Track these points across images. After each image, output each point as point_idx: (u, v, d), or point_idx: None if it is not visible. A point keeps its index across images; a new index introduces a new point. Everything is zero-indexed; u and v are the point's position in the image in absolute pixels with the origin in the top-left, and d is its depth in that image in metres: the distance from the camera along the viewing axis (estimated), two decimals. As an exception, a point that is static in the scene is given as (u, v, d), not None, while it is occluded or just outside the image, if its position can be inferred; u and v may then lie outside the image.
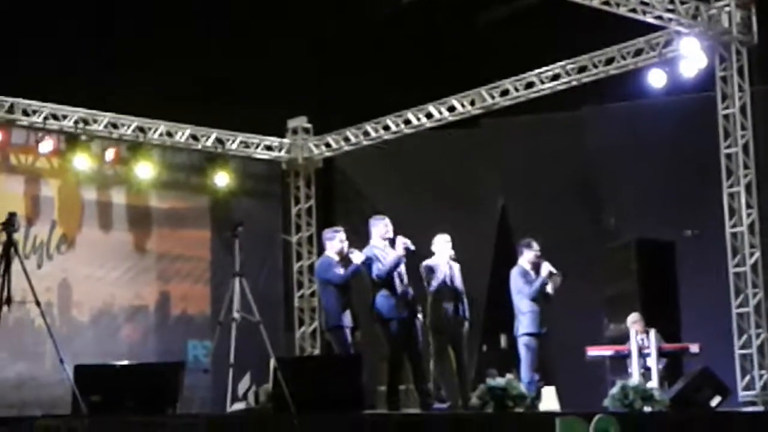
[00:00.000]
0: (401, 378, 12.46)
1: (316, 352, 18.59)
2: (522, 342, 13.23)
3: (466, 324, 12.86)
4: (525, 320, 13.22)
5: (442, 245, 13.01)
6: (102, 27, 16.61)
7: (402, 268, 12.38)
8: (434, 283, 12.75)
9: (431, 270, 12.82)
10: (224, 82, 17.35)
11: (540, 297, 13.25)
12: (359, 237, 12.96)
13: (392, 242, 12.43)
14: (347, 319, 12.22)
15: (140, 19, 16.89)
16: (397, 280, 12.30)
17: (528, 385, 12.52)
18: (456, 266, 12.98)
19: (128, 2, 16.86)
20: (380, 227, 12.56)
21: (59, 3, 16.20)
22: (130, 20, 16.87)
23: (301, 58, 18.28)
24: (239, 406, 12.79)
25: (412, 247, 12.35)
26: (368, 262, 12.27)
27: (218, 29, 17.71)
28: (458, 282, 12.91)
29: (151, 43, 16.81)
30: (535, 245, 13.57)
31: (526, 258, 13.48)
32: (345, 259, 12.41)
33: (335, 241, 12.51)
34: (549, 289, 13.35)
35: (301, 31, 18.29)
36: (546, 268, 13.31)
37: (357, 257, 12.29)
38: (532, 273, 13.37)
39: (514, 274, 13.45)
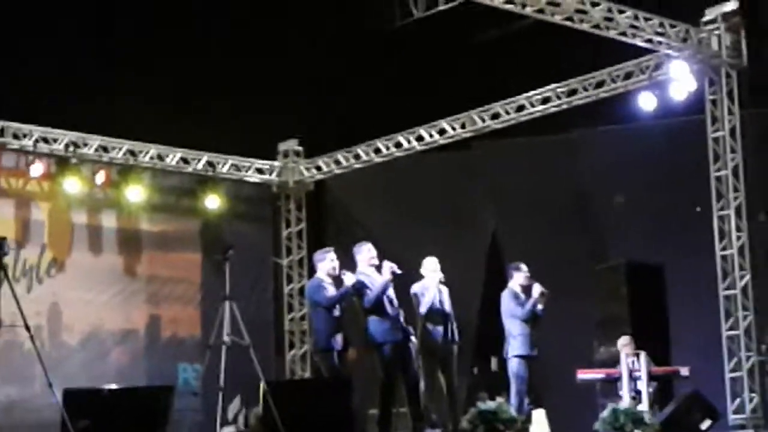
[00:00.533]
0: (394, 401, 12.44)
1: (307, 375, 18.54)
2: (512, 364, 13.24)
3: (456, 347, 12.87)
4: (516, 342, 13.25)
5: (431, 268, 13.02)
6: (92, 49, 16.60)
7: (391, 291, 12.39)
8: (423, 308, 12.76)
9: (420, 294, 12.84)
10: (215, 105, 17.38)
11: (531, 319, 13.29)
12: (350, 259, 12.95)
13: (378, 268, 12.46)
14: (337, 341, 12.19)
15: (130, 43, 16.89)
16: (387, 304, 12.30)
17: (518, 408, 12.51)
18: (445, 290, 12.99)
19: (119, 27, 16.87)
20: (364, 253, 12.60)
21: (49, 25, 16.21)
22: (121, 44, 16.86)
23: (291, 81, 18.29)
24: (229, 429, 12.80)
25: (399, 271, 12.37)
26: (359, 286, 12.26)
27: (209, 52, 17.72)
28: (447, 305, 12.93)
29: (141, 66, 16.82)
30: (524, 267, 13.61)
31: (516, 281, 13.54)
32: (336, 280, 12.41)
33: (326, 261, 12.51)
34: (539, 310, 13.39)
35: (292, 56, 18.31)
36: (537, 289, 13.35)
37: (349, 279, 12.29)
38: (523, 295, 13.40)
39: (505, 297, 13.47)
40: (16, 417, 15.61)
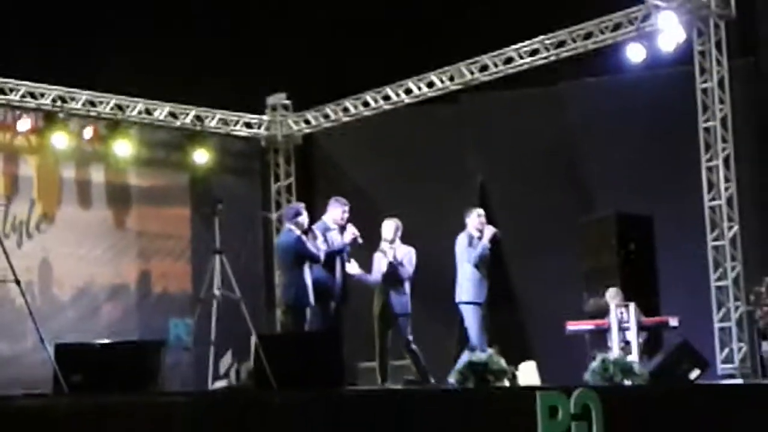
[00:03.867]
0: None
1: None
2: (464, 310, 13.16)
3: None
4: (462, 288, 13.16)
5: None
6: (80, 5, 16.49)
7: (345, 255, 12.60)
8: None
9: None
10: (203, 58, 17.31)
11: (482, 264, 13.15)
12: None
13: (342, 228, 12.55)
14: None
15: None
16: (338, 266, 12.44)
17: (480, 349, 12.53)
18: (404, 251, 12.97)
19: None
20: (338, 211, 12.63)
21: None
22: (108, 0, 16.77)
23: (279, 35, 18.22)
24: (221, 383, 12.80)
25: (360, 240, 12.58)
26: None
27: (197, 6, 17.63)
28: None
29: (128, 20, 16.74)
30: (479, 211, 13.46)
31: (471, 224, 13.34)
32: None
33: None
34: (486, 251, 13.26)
35: (281, 8, 18.22)
36: (489, 231, 13.21)
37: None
38: (477, 240, 13.26)
39: (459, 240, 13.33)
40: (8, 372, 15.62)
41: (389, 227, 12.95)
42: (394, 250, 12.84)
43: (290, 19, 18.34)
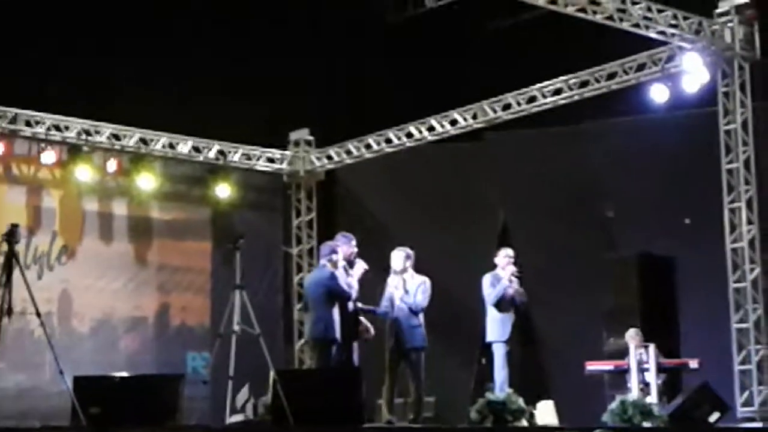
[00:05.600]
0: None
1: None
2: (493, 348, 13.18)
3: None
4: (489, 327, 13.18)
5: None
6: (106, 39, 16.60)
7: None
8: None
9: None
10: (227, 93, 17.38)
11: (503, 304, 13.14)
12: (360, 249, 13.01)
13: (351, 264, 12.57)
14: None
15: (142, 31, 16.90)
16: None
17: (500, 390, 12.50)
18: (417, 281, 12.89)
19: (131, 15, 16.85)
20: (346, 247, 12.65)
21: (61, 13, 16.21)
22: (133, 32, 16.87)
23: (303, 71, 18.29)
24: (238, 417, 12.83)
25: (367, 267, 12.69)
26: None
27: (220, 41, 17.73)
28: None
29: (153, 54, 16.83)
30: (506, 251, 13.47)
31: (498, 263, 13.38)
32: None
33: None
34: (510, 294, 13.20)
35: (305, 44, 18.31)
36: (508, 271, 13.20)
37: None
38: (503, 278, 13.28)
39: (484, 280, 13.35)
40: (26, 404, 15.67)
41: (398, 257, 12.87)
42: (405, 282, 12.73)
43: (314, 56, 18.41)
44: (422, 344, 12.64)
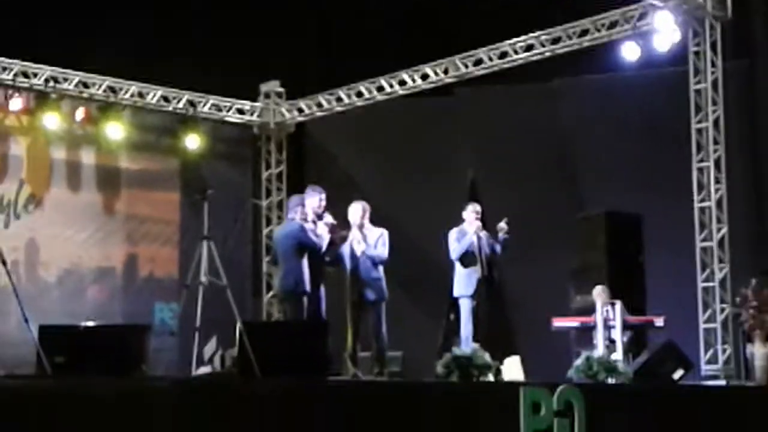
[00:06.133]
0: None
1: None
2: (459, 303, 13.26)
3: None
4: (455, 281, 13.24)
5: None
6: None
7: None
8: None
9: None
10: (197, 44, 17.26)
11: (467, 258, 13.19)
12: (328, 203, 12.96)
13: (319, 216, 12.51)
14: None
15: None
16: None
17: (466, 344, 12.55)
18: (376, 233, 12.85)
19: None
20: (315, 200, 12.59)
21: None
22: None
23: (275, 22, 18.18)
24: (205, 369, 12.80)
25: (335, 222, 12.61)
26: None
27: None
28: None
29: (125, 3, 16.69)
30: (473, 206, 13.50)
31: (466, 218, 13.43)
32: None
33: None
34: (475, 247, 13.24)
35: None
36: (474, 226, 13.25)
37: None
38: (469, 234, 13.32)
39: (450, 235, 13.39)
40: (-9, 352, 15.61)
41: (355, 211, 12.81)
42: (365, 235, 12.69)
43: (286, 8, 18.29)
44: (384, 297, 12.64)
